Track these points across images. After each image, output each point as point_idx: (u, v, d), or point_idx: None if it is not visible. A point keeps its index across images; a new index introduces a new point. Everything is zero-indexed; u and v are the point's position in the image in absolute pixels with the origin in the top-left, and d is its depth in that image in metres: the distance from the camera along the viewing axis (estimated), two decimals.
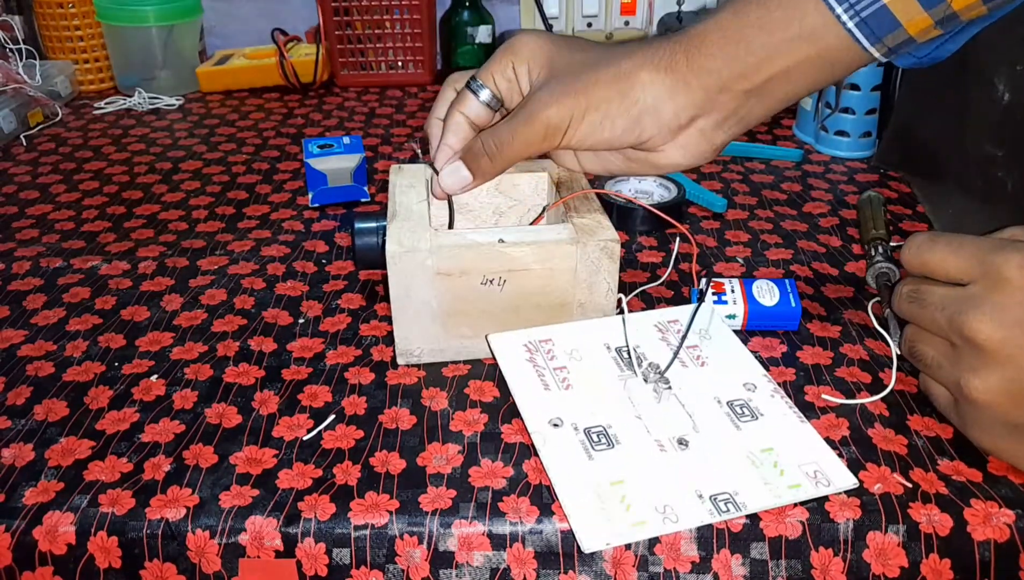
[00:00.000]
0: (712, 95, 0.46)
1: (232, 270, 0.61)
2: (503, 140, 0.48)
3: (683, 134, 0.48)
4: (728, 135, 0.48)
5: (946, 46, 0.46)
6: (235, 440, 0.45)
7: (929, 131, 0.72)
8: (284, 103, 0.99)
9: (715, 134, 0.48)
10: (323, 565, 0.40)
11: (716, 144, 0.49)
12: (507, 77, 0.50)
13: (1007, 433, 0.40)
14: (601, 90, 0.46)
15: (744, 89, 0.46)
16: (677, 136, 0.48)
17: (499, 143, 0.48)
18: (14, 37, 0.95)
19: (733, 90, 0.46)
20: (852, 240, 0.65)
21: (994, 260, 0.39)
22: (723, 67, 0.45)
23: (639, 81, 0.46)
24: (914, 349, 0.45)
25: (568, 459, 0.41)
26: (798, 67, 0.45)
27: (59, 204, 0.73)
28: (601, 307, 0.50)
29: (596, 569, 0.39)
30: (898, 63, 0.47)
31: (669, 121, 0.47)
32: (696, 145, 0.48)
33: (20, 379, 0.50)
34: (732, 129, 0.48)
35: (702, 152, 0.49)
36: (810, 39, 0.44)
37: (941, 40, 0.46)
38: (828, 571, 0.39)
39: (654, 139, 0.48)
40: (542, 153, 0.50)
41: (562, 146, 0.48)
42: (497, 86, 0.51)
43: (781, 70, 0.45)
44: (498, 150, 0.49)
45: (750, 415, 0.44)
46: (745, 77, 0.45)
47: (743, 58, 0.45)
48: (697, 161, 0.49)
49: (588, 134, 0.47)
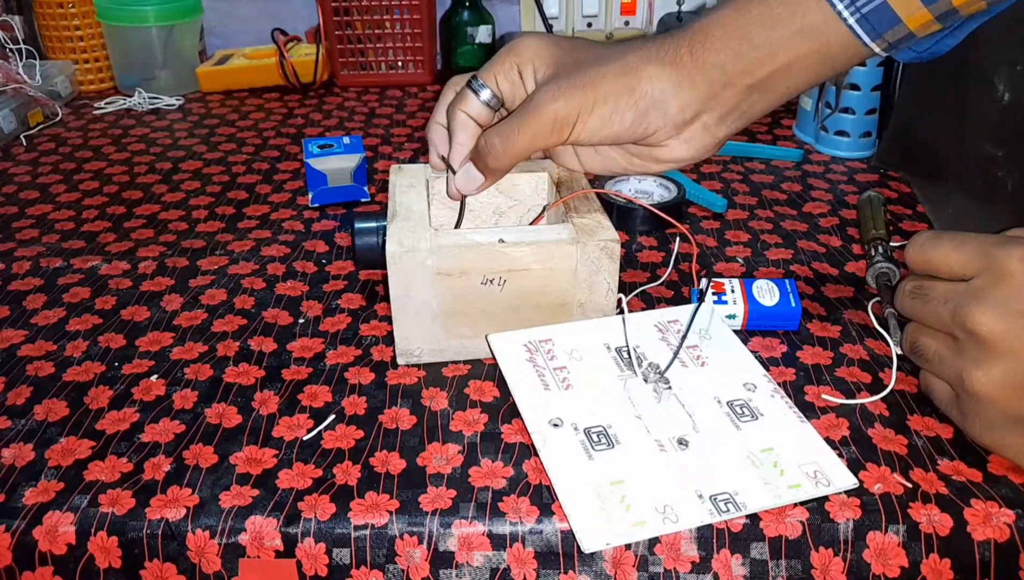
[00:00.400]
0: (716, 90, 0.46)
1: (232, 270, 0.61)
2: (510, 135, 0.48)
3: (687, 129, 0.48)
4: (731, 129, 0.49)
5: (946, 41, 0.47)
6: (235, 440, 0.45)
7: (929, 131, 0.72)
8: (284, 103, 0.99)
9: (718, 128, 0.48)
10: (323, 565, 0.40)
11: (719, 138, 0.49)
12: (510, 79, 0.51)
13: (1009, 427, 0.40)
14: (609, 84, 0.47)
15: (747, 84, 0.46)
16: (682, 131, 0.48)
17: (505, 139, 0.48)
18: (14, 37, 0.95)
19: (736, 85, 0.46)
20: (852, 240, 0.65)
21: (997, 254, 0.40)
22: (727, 62, 0.45)
23: (646, 75, 0.46)
24: (916, 344, 0.45)
25: (568, 459, 0.41)
26: (799, 62, 0.45)
27: (59, 204, 0.73)
28: (601, 307, 0.50)
29: (596, 569, 0.39)
30: (898, 58, 0.47)
31: (675, 116, 0.47)
32: (700, 139, 0.48)
33: (20, 379, 0.50)
34: (735, 123, 0.48)
35: (705, 146, 0.49)
36: (811, 35, 0.44)
37: (941, 35, 0.46)
38: (828, 571, 0.39)
39: (659, 133, 0.48)
40: (548, 148, 0.50)
41: (570, 140, 0.48)
42: (499, 86, 0.51)
43: (783, 65, 0.45)
44: (504, 146, 0.49)
45: (750, 415, 0.44)
46: (748, 72, 0.46)
47: (746, 53, 0.45)
48: (700, 155, 0.49)
49: (597, 128, 0.47)
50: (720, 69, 0.46)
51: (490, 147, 0.49)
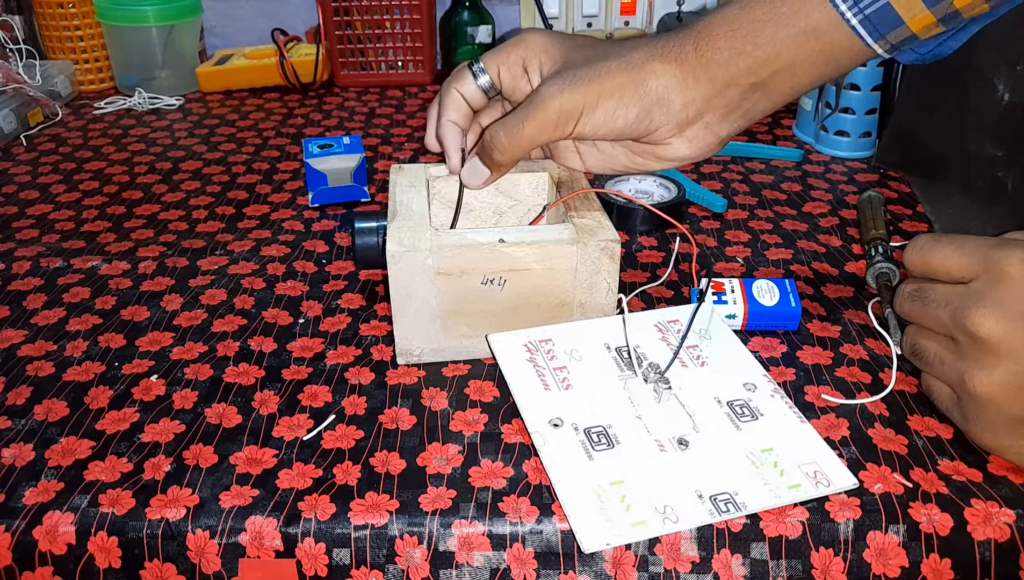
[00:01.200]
0: (720, 88, 0.46)
1: (232, 270, 0.61)
2: (515, 128, 0.48)
3: (690, 128, 0.48)
4: (733, 129, 0.49)
5: (948, 43, 0.47)
6: (235, 440, 0.45)
7: (929, 131, 0.72)
8: (284, 103, 0.99)
9: (721, 128, 0.48)
10: (323, 565, 0.39)
11: (722, 137, 0.49)
12: (513, 72, 0.51)
13: (1010, 429, 0.40)
14: (614, 78, 0.47)
15: (751, 83, 0.46)
16: (685, 130, 0.48)
17: (511, 132, 0.49)
18: (14, 37, 0.95)
19: (740, 84, 0.46)
20: (852, 240, 0.65)
21: (996, 256, 0.40)
22: (730, 61, 0.46)
23: (651, 71, 0.47)
24: (916, 347, 0.45)
25: (568, 459, 0.41)
26: (803, 62, 0.45)
27: (59, 204, 0.73)
28: (601, 307, 0.50)
29: (596, 569, 0.39)
30: (900, 59, 0.48)
31: (678, 113, 0.47)
32: (702, 138, 0.49)
33: (20, 379, 0.50)
34: (737, 122, 0.49)
35: (708, 145, 0.49)
36: (815, 35, 0.44)
37: (943, 37, 0.46)
38: (829, 571, 0.39)
39: (661, 131, 0.48)
40: (553, 141, 0.50)
41: (575, 134, 0.48)
42: (499, 76, 0.51)
43: (786, 65, 0.45)
44: (510, 139, 0.49)
45: (750, 415, 0.44)
46: (752, 71, 0.46)
47: (750, 52, 0.45)
48: (702, 154, 0.50)
49: (601, 123, 0.48)
50: (724, 67, 0.46)
51: (496, 141, 0.49)
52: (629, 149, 0.51)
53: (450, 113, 0.52)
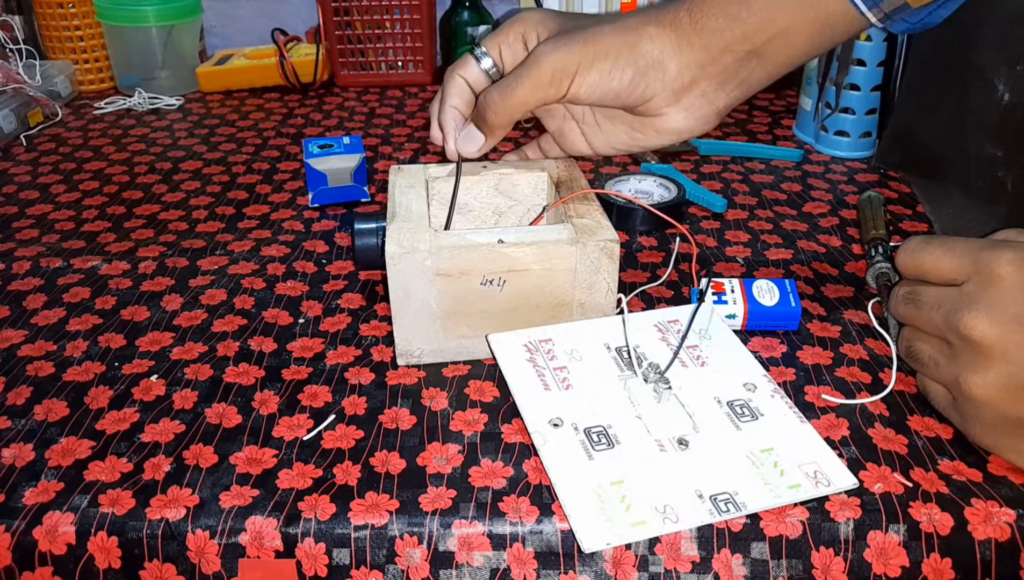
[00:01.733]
0: (714, 55, 0.47)
1: (232, 270, 0.61)
2: (508, 88, 0.48)
3: (686, 96, 0.48)
4: (730, 99, 0.49)
5: (938, 12, 0.48)
6: (235, 440, 0.45)
7: (929, 131, 0.72)
8: (284, 103, 0.99)
9: (717, 97, 0.49)
10: (323, 565, 0.39)
11: (719, 107, 0.49)
12: (513, 49, 0.51)
13: (1007, 429, 0.41)
14: (609, 39, 0.47)
15: (745, 50, 0.47)
16: (681, 98, 0.48)
17: (504, 91, 0.48)
18: (14, 37, 0.95)
19: (735, 51, 0.47)
20: (852, 240, 0.65)
21: (986, 258, 0.40)
22: (725, 27, 0.46)
23: (646, 34, 0.47)
24: (911, 349, 0.45)
25: (568, 459, 0.41)
26: (797, 29, 0.46)
27: (59, 204, 0.73)
28: (601, 307, 0.50)
29: (596, 569, 0.39)
30: (892, 29, 0.48)
31: (673, 80, 0.47)
32: (699, 108, 0.49)
33: (20, 379, 0.50)
34: (734, 93, 0.49)
35: (705, 115, 0.49)
36: (810, 1, 0.45)
37: (934, 6, 0.47)
38: (829, 571, 0.39)
39: (657, 99, 0.48)
40: (547, 102, 0.49)
41: (569, 94, 0.48)
42: (501, 57, 0.51)
43: (781, 31, 0.46)
44: (504, 99, 0.49)
45: (750, 415, 0.44)
46: (746, 37, 0.46)
47: (744, 18, 0.46)
48: (700, 126, 0.50)
49: (596, 83, 0.48)
50: (719, 34, 0.46)
51: (489, 101, 0.49)
52: (628, 125, 0.52)
53: (453, 99, 0.52)
